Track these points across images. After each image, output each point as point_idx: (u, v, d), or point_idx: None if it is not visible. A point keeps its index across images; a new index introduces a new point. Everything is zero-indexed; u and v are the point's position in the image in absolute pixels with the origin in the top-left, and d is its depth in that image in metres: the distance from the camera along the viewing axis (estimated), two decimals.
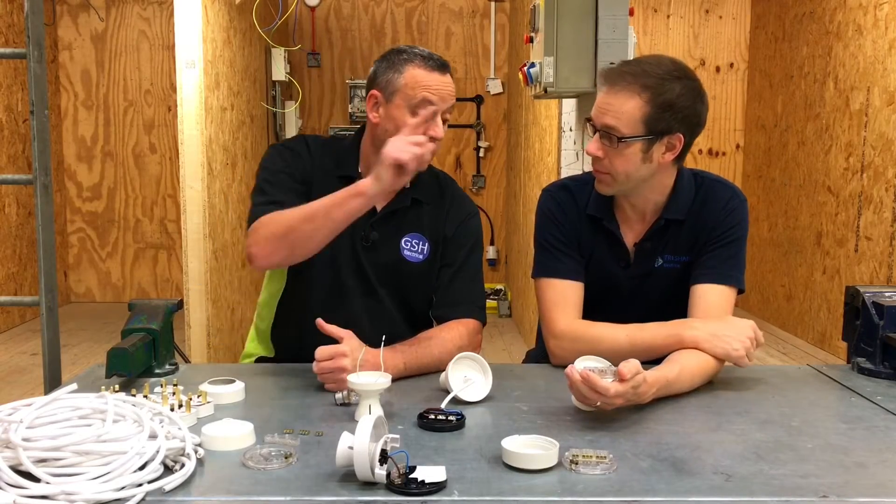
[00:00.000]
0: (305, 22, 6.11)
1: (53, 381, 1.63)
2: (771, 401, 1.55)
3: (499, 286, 6.16)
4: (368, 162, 1.81)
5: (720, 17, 6.01)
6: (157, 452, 1.12)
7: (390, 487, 1.11)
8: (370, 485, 1.12)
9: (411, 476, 1.12)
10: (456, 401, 1.47)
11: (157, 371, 1.63)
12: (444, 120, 1.75)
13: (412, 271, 1.83)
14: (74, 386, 1.25)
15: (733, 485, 1.15)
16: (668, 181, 1.76)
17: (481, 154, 6.28)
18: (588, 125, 1.72)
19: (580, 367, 1.37)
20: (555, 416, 1.42)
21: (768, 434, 1.36)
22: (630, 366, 1.35)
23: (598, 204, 1.81)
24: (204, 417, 1.38)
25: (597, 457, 1.19)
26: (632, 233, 1.81)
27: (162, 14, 5.97)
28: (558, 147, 3.46)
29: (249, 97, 4.60)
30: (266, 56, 5.02)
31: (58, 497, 1.03)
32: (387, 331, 1.68)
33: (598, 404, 1.37)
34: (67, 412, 1.16)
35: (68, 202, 6.11)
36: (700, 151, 6.06)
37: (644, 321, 1.69)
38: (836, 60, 4.66)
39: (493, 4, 6.14)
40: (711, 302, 1.72)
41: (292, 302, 1.87)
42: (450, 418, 1.36)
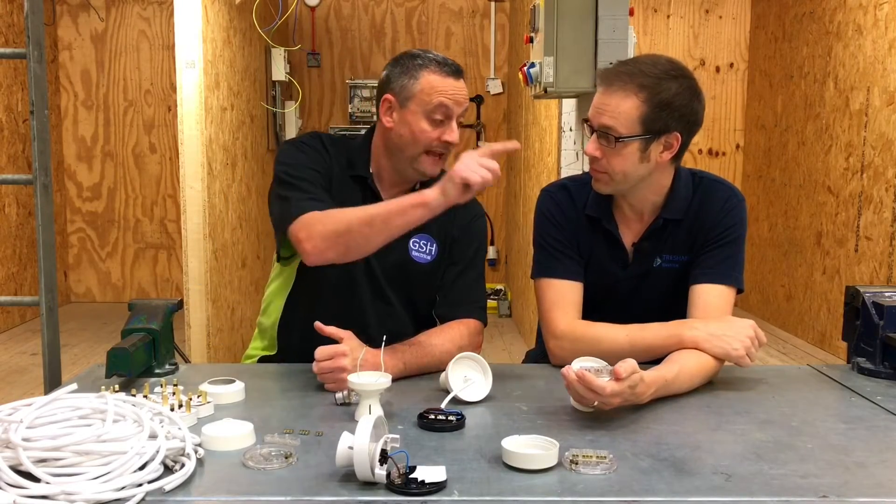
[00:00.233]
0: (305, 22, 6.11)
1: (53, 381, 1.63)
2: (771, 401, 1.55)
3: (499, 286, 6.16)
4: (379, 163, 1.83)
5: (720, 17, 6.01)
6: (157, 452, 1.12)
7: (390, 487, 1.11)
8: (370, 485, 1.12)
9: (411, 476, 1.12)
10: (456, 401, 1.47)
11: (157, 371, 1.63)
12: (459, 123, 1.77)
13: (419, 272, 1.85)
14: (74, 386, 1.25)
15: (733, 485, 1.15)
16: (666, 181, 1.76)
17: None
18: (586, 126, 1.72)
19: (576, 368, 1.37)
20: (555, 416, 1.42)
21: (768, 434, 1.36)
22: (626, 365, 1.35)
23: (597, 204, 1.81)
24: (204, 417, 1.38)
25: (597, 457, 1.19)
26: (630, 233, 1.81)
27: (162, 14, 5.97)
28: (558, 147, 3.46)
29: (249, 97, 4.60)
30: (266, 56, 5.02)
31: (58, 497, 1.04)
32: (394, 330, 1.69)
33: (596, 404, 1.37)
34: (67, 412, 1.16)
35: (68, 202, 6.11)
36: (700, 151, 6.06)
37: (643, 321, 1.69)
38: (836, 60, 4.66)
39: (493, 4, 6.14)
40: (711, 302, 1.72)
41: (300, 300, 1.87)
42: (450, 418, 1.36)
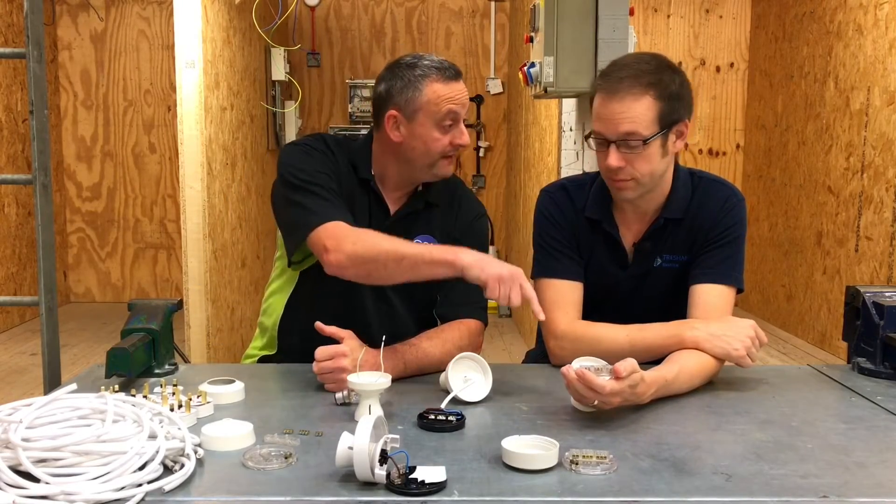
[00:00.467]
0: (305, 22, 6.10)
1: (53, 381, 1.63)
2: (771, 401, 1.55)
3: None
4: (381, 167, 1.83)
5: (720, 17, 6.01)
6: (157, 453, 1.12)
7: (390, 487, 1.11)
8: (370, 485, 1.12)
9: (411, 476, 1.12)
10: (456, 401, 1.47)
11: (157, 371, 1.63)
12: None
13: None
14: (74, 386, 1.25)
15: (733, 485, 1.15)
16: (670, 176, 1.76)
17: (481, 154, 6.28)
18: (591, 140, 1.70)
19: (576, 367, 1.37)
20: (555, 416, 1.42)
21: (768, 434, 1.36)
22: (626, 364, 1.36)
23: (597, 206, 1.81)
24: (204, 417, 1.38)
25: (597, 457, 1.19)
26: (630, 233, 1.81)
27: (161, 14, 5.97)
28: (558, 147, 3.46)
29: (249, 97, 4.60)
30: (266, 56, 5.02)
31: (57, 497, 1.03)
32: (395, 331, 1.69)
33: (596, 403, 1.37)
34: (67, 412, 1.16)
35: (68, 202, 6.11)
36: (700, 151, 6.06)
37: (643, 321, 1.69)
38: (837, 60, 4.66)
39: (493, 4, 6.14)
40: (711, 302, 1.72)
41: (301, 300, 1.87)
42: (450, 418, 1.36)
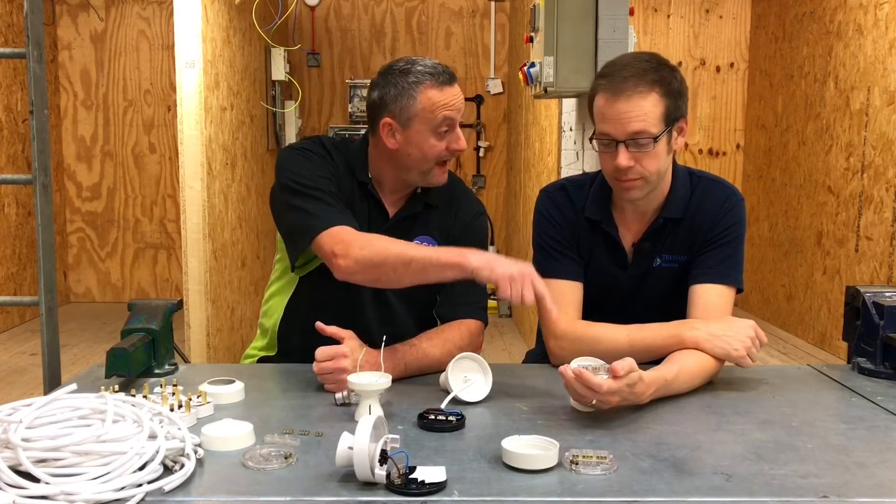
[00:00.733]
0: (305, 22, 6.10)
1: (53, 382, 1.63)
2: (771, 401, 1.55)
3: None
4: (378, 170, 1.82)
5: (720, 17, 6.01)
6: (157, 453, 1.12)
7: (390, 488, 1.11)
8: (370, 485, 1.12)
9: (411, 476, 1.12)
10: (456, 401, 1.47)
11: (157, 371, 1.63)
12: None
13: None
14: (74, 386, 1.25)
15: (733, 485, 1.15)
16: (669, 176, 1.76)
17: (481, 154, 6.28)
18: (596, 142, 1.70)
19: (574, 367, 1.37)
20: (555, 416, 1.42)
21: (768, 434, 1.36)
22: (624, 363, 1.36)
23: (596, 206, 1.81)
24: (204, 417, 1.38)
25: (597, 457, 1.19)
26: (630, 234, 1.81)
27: (161, 14, 5.97)
28: (558, 147, 3.46)
29: (249, 97, 4.60)
30: (266, 56, 5.02)
31: (57, 497, 1.03)
32: (395, 331, 1.69)
33: (594, 403, 1.37)
34: (67, 412, 1.15)
35: (68, 202, 6.11)
36: (700, 151, 6.06)
37: (643, 321, 1.69)
38: (837, 60, 4.66)
39: (493, 4, 6.14)
40: (710, 302, 1.72)
41: (302, 302, 1.87)
42: (450, 418, 1.36)
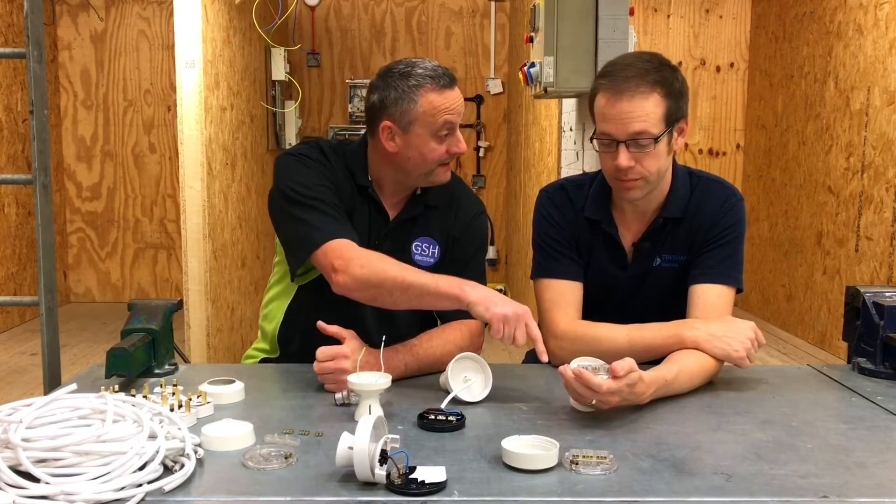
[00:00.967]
0: (305, 22, 6.10)
1: (53, 382, 1.63)
2: (771, 401, 1.55)
3: (499, 286, 6.16)
4: (377, 173, 1.82)
5: (720, 17, 6.01)
6: (157, 453, 1.12)
7: (390, 488, 1.11)
8: (370, 485, 1.12)
9: (411, 476, 1.12)
10: (456, 401, 1.47)
11: (157, 371, 1.63)
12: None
13: None
14: (74, 386, 1.25)
15: (733, 485, 1.15)
16: (669, 176, 1.76)
17: (481, 154, 6.28)
18: (597, 141, 1.70)
19: (574, 366, 1.37)
20: (555, 416, 1.42)
21: (768, 434, 1.36)
22: (623, 363, 1.36)
23: (596, 206, 1.81)
24: (204, 417, 1.38)
25: (597, 457, 1.19)
26: (629, 233, 1.81)
27: (162, 14, 5.96)
28: (558, 147, 3.46)
29: (249, 97, 4.60)
30: (266, 56, 5.02)
31: (57, 497, 1.03)
32: (396, 333, 1.69)
33: (594, 403, 1.37)
34: (67, 412, 1.16)
35: (68, 202, 6.11)
36: (700, 151, 6.06)
37: (643, 321, 1.69)
38: (837, 60, 4.65)
39: (493, 4, 6.14)
40: (710, 302, 1.72)
41: (302, 304, 1.86)
42: (450, 418, 1.36)
